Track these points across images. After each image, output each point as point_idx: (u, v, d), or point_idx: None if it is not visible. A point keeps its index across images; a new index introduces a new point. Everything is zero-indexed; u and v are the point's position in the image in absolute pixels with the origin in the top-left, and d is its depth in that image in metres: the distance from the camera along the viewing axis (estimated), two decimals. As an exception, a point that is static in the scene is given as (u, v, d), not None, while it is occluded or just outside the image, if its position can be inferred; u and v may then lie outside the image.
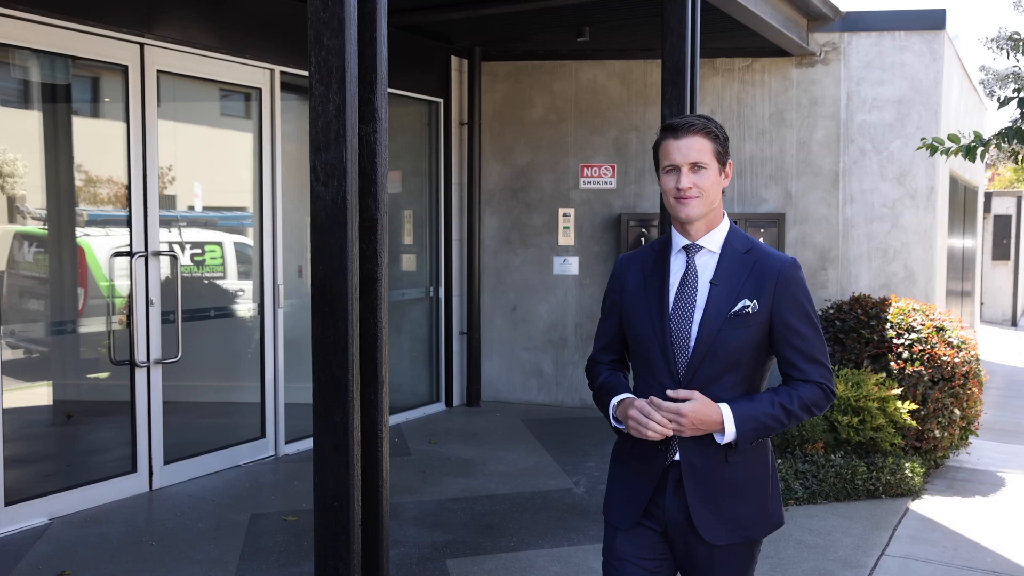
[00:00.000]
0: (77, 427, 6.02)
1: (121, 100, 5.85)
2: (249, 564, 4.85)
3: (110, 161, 5.92)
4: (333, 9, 3.03)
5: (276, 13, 6.77)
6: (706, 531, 2.57)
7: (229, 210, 7.14)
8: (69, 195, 5.78)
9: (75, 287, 5.88)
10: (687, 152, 2.57)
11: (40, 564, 4.77)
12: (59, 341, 5.79)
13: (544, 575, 4.82)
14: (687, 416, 2.49)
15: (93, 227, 5.95)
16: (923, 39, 8.11)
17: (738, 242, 2.66)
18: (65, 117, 5.85)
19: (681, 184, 2.57)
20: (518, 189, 9.12)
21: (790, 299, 2.59)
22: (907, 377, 6.70)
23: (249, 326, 6.90)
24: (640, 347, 2.69)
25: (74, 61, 5.68)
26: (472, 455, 7.15)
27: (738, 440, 2.53)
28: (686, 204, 2.59)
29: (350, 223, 3.06)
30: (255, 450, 6.80)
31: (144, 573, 4.71)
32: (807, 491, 6.12)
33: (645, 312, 2.66)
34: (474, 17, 7.49)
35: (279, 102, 6.83)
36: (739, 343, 2.56)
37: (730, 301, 2.57)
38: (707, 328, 2.56)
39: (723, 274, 2.61)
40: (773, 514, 2.68)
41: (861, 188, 8.23)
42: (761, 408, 2.55)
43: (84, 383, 6.10)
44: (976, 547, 5.43)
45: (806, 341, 2.60)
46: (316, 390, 3.12)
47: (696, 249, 2.66)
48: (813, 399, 2.60)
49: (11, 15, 5.13)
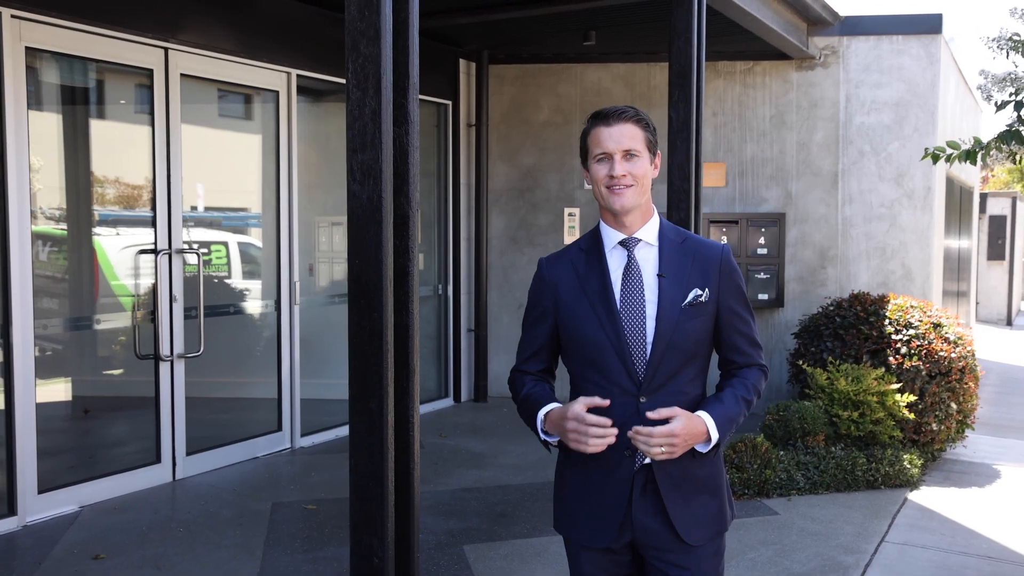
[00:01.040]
0: (102, 419, 6.21)
1: (146, 103, 6.04)
2: (274, 549, 5.04)
3: (124, 162, 6.12)
4: (369, 19, 3.22)
5: (292, 17, 6.96)
6: (686, 533, 2.51)
7: (244, 210, 7.33)
8: (87, 195, 5.97)
9: (92, 285, 6.06)
10: (620, 139, 2.50)
11: (75, 548, 4.97)
12: (78, 337, 5.97)
13: (556, 559, 5.01)
14: (680, 435, 2.38)
15: (104, 227, 6.12)
16: (920, 43, 8.32)
17: (672, 233, 2.60)
18: (86, 119, 6.03)
19: (615, 171, 2.48)
20: (524, 189, 9.32)
21: (733, 285, 2.58)
22: (905, 372, 6.90)
23: (266, 322, 7.09)
24: (588, 352, 2.54)
25: (100, 65, 5.88)
26: (482, 448, 7.34)
27: (718, 445, 2.50)
28: (620, 194, 2.50)
29: (385, 220, 3.24)
30: (272, 442, 7.00)
31: (174, 557, 4.90)
32: (809, 482, 6.32)
33: (590, 314, 2.53)
34: (483, 22, 7.69)
35: (295, 104, 7.02)
36: (696, 334, 2.51)
37: (682, 292, 2.51)
38: (664, 322, 2.49)
39: (669, 265, 2.54)
40: (730, 507, 2.66)
41: (860, 188, 8.44)
42: (731, 407, 2.52)
43: (108, 378, 6.28)
44: (972, 534, 5.63)
45: (748, 324, 2.61)
46: (352, 377, 3.31)
47: (635, 242, 2.56)
48: (758, 382, 2.62)
49: (44, 21, 5.32)
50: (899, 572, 5.00)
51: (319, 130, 7.52)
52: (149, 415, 6.12)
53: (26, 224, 5.26)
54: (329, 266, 7.90)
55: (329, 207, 7.81)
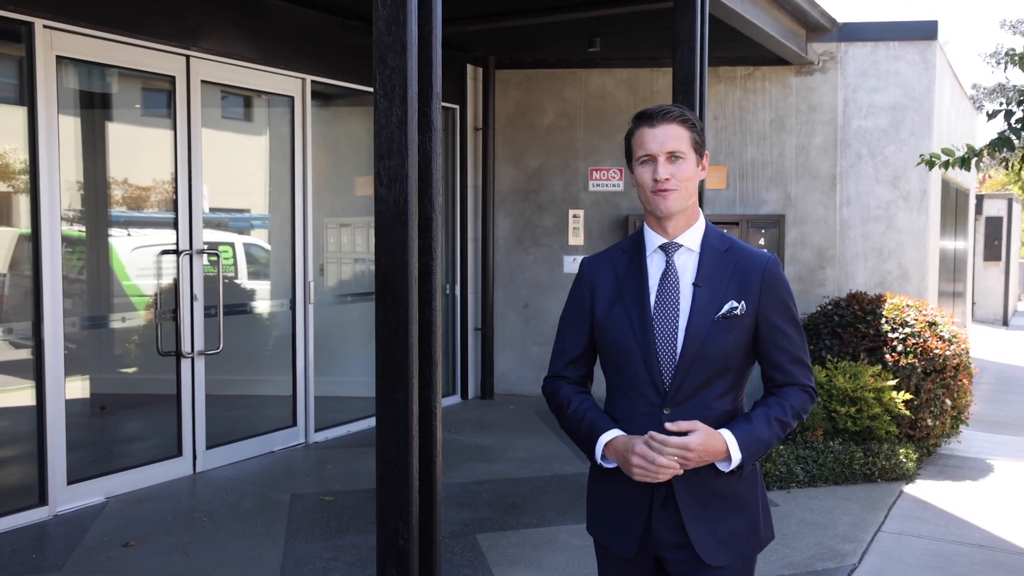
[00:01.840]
0: (125, 414, 6.42)
1: (168, 109, 6.25)
2: (295, 538, 5.25)
3: (147, 166, 6.33)
4: (396, 34, 3.43)
5: (306, 25, 7.18)
6: (704, 551, 2.41)
7: (259, 212, 7.55)
8: (111, 198, 6.18)
9: (116, 285, 6.27)
10: (664, 140, 2.41)
11: (105, 536, 5.19)
12: (102, 335, 6.18)
13: (566, 548, 5.22)
14: (694, 451, 2.31)
15: (126, 228, 6.34)
16: (916, 49, 8.54)
17: (716, 240, 2.51)
18: (111, 124, 6.25)
19: (659, 175, 2.40)
20: (530, 191, 9.54)
21: (776, 299, 2.46)
22: (901, 369, 7.12)
23: (281, 321, 7.31)
24: (618, 358, 2.48)
25: (125, 72, 6.09)
26: (490, 443, 7.56)
27: (743, 465, 2.40)
28: (665, 197, 2.41)
29: (410, 222, 3.45)
30: (288, 437, 7.22)
31: (200, 545, 5.11)
32: (808, 475, 6.53)
33: (624, 320, 2.46)
34: (490, 29, 7.91)
35: (310, 109, 7.23)
36: (728, 348, 2.40)
37: (716, 303, 2.41)
38: (694, 333, 2.39)
39: (706, 274, 2.44)
40: (765, 528, 2.54)
41: (857, 191, 8.67)
42: (760, 428, 2.40)
43: (130, 374, 6.49)
44: (965, 524, 5.84)
45: (792, 342, 2.47)
46: (379, 370, 3.51)
47: (675, 248, 2.48)
48: (802, 405, 2.49)
49: (73, 31, 5.54)
50: (894, 560, 5.21)
51: (328, 134, 7.73)
52: (170, 410, 6.33)
53: (56, 226, 5.47)
54: (338, 267, 8.11)
55: (337, 209, 8.03)
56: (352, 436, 7.65)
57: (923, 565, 5.14)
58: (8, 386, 5.53)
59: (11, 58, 5.35)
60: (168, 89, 6.22)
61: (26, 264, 5.47)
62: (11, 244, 5.58)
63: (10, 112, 5.41)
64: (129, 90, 6.34)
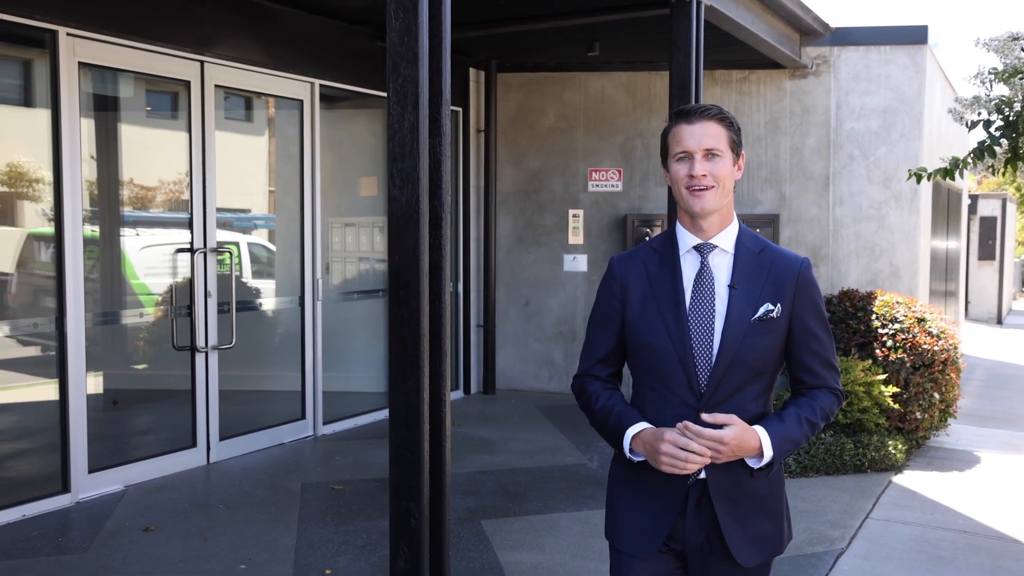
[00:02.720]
0: (142, 406, 6.66)
1: (183, 112, 6.49)
2: (308, 524, 5.49)
3: (162, 167, 6.57)
4: (408, 44, 3.66)
5: (314, 31, 7.41)
6: (739, 552, 2.41)
7: (269, 212, 7.78)
8: (127, 198, 6.41)
9: (126, 282, 6.50)
10: (701, 138, 2.39)
11: (126, 522, 5.43)
12: (119, 331, 6.40)
13: (567, 533, 5.46)
14: (728, 444, 2.29)
15: (142, 227, 6.58)
16: (906, 53, 8.78)
17: (750, 241, 2.48)
18: (128, 127, 6.49)
19: (695, 171, 2.38)
20: (531, 191, 9.78)
21: (809, 302, 2.46)
22: (891, 363, 7.35)
23: (290, 318, 7.54)
24: (651, 358, 2.45)
25: (143, 77, 6.34)
26: (493, 436, 7.79)
27: (773, 463, 2.40)
28: (700, 195, 2.39)
29: (422, 221, 3.69)
30: (296, 430, 7.46)
31: (218, 530, 5.35)
32: (800, 465, 6.77)
33: (658, 319, 2.43)
34: (492, 34, 8.13)
35: (319, 113, 7.47)
36: (764, 351, 2.40)
37: (752, 306, 2.40)
38: (731, 336, 2.38)
39: (741, 276, 2.42)
40: (788, 528, 2.57)
41: (850, 191, 8.91)
42: (792, 427, 2.40)
43: (146, 368, 6.72)
44: (950, 512, 6.08)
45: (823, 345, 2.48)
46: (392, 359, 3.74)
47: (710, 248, 2.45)
48: (830, 408, 2.50)
49: (95, 38, 5.77)
50: (881, 544, 5.45)
51: (332, 135, 7.95)
52: (185, 403, 6.57)
53: (78, 225, 5.71)
54: (342, 265, 8.34)
55: (342, 209, 8.26)
56: (359, 429, 7.89)
57: (908, 549, 5.38)
58: (31, 380, 5.77)
59: (37, 63, 5.61)
60: (183, 93, 6.45)
61: (34, 262, 5.71)
62: (19, 243, 5.82)
63: (35, 115, 5.66)
64: (146, 94, 6.58)
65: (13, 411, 5.79)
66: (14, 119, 5.78)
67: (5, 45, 5.56)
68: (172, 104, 6.62)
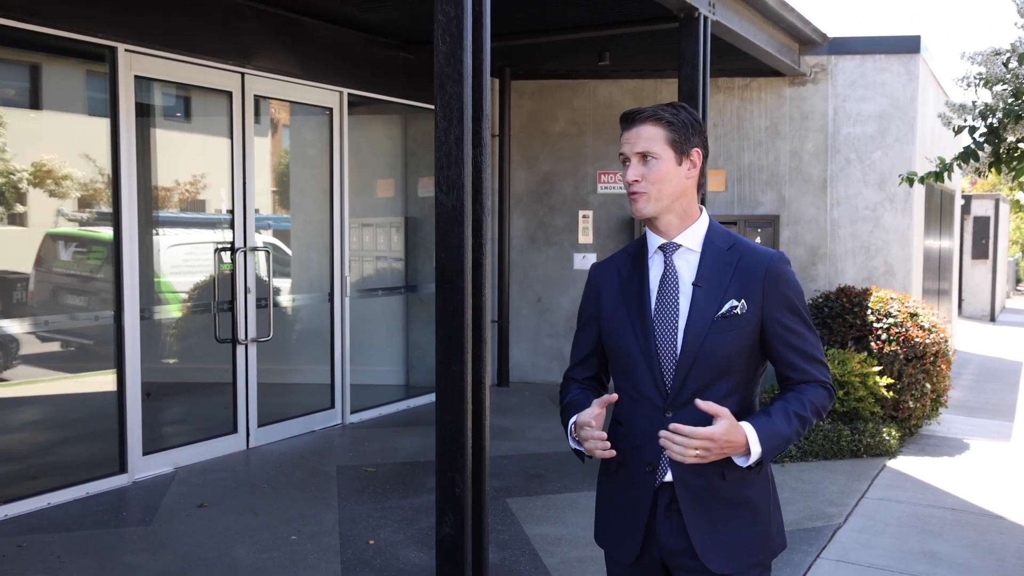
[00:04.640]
0: (186, 394, 7.13)
1: (224, 120, 6.95)
2: (347, 501, 5.95)
3: (205, 171, 7.04)
4: (454, 66, 4.13)
5: (344, 43, 7.88)
6: (709, 559, 2.33)
7: (301, 212, 8.25)
8: (173, 200, 6.88)
9: (171, 279, 6.97)
10: (636, 141, 2.38)
11: (181, 499, 5.90)
12: (166, 324, 6.86)
13: (587, 510, 5.91)
14: (718, 441, 2.20)
15: (187, 228, 7.06)
16: (901, 61, 9.25)
17: (719, 239, 2.42)
18: (175, 135, 6.96)
19: (627, 176, 2.37)
20: (543, 194, 10.24)
21: (780, 297, 2.36)
22: (885, 356, 7.81)
23: (321, 312, 8.01)
24: (622, 360, 2.43)
25: (189, 88, 6.82)
26: (510, 425, 8.25)
27: (762, 460, 2.30)
28: (634, 200, 2.37)
29: (466, 223, 4.15)
30: (327, 418, 7.94)
31: (266, 506, 5.82)
32: (799, 451, 7.23)
33: (626, 321, 2.42)
34: (507, 46, 8.57)
35: (347, 120, 7.93)
36: (728, 348, 2.32)
37: (716, 303, 2.34)
38: (693, 333, 2.32)
39: (706, 274, 2.37)
40: (777, 535, 2.46)
41: (846, 193, 9.38)
42: (780, 422, 2.31)
43: (190, 359, 7.19)
44: (940, 492, 6.55)
45: (802, 339, 2.39)
46: (439, 347, 4.20)
47: (673, 248, 2.41)
48: (821, 401, 2.39)
49: (148, 53, 6.24)
50: (876, 520, 5.91)
51: (354, 140, 8.37)
52: (226, 392, 7.03)
53: (134, 226, 6.17)
54: (360, 264, 8.78)
55: (360, 210, 8.69)
56: (383, 418, 8.35)
57: (900, 524, 5.84)
58: (89, 370, 6.24)
59: (98, 76, 6.08)
60: (224, 102, 6.91)
61: (52, 261, 6.17)
62: (36, 242, 6.22)
63: (96, 123, 6.13)
64: (191, 104, 7.05)
65: (73, 399, 6.26)
66: (76, 127, 6.25)
67: (71, 60, 6.04)
68: (214, 111, 7.08)
